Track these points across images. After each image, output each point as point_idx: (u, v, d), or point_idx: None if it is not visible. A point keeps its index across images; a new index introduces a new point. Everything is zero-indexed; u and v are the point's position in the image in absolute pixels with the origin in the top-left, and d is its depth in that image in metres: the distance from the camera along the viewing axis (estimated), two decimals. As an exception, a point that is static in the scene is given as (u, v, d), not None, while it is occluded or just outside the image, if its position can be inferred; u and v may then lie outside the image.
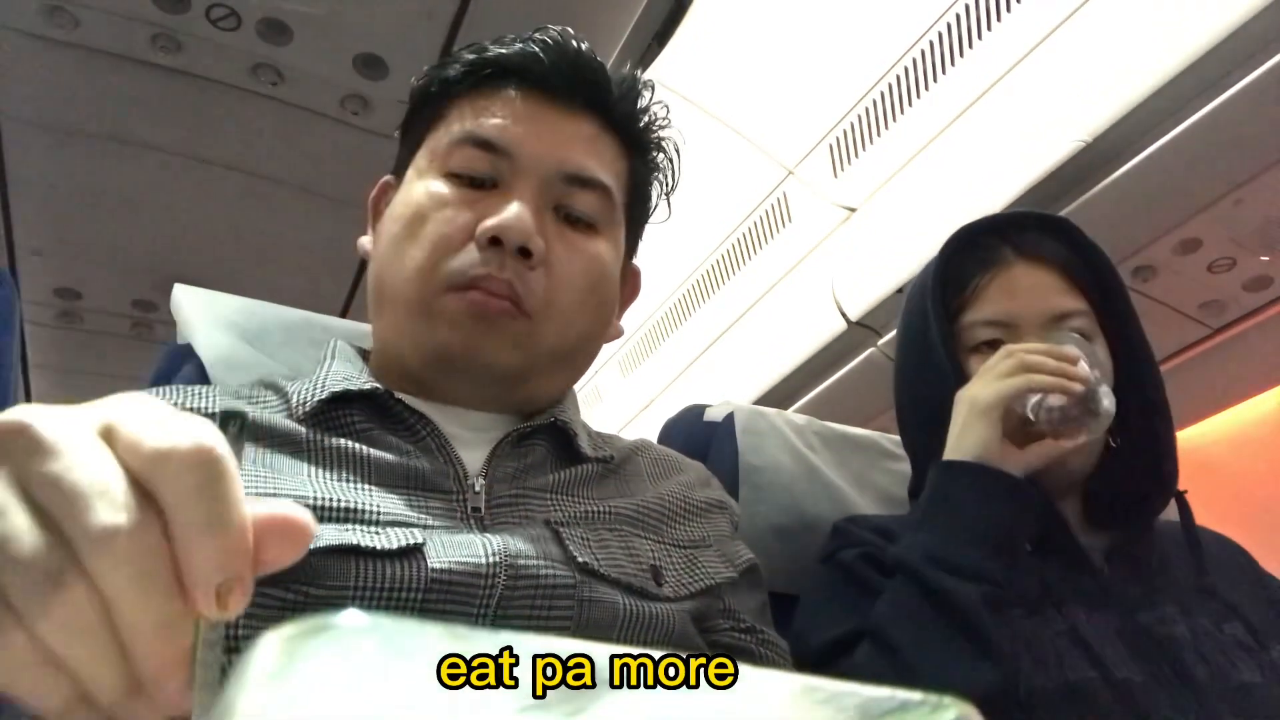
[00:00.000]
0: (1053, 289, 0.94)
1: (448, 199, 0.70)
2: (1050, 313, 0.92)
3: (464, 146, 0.71)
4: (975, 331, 0.95)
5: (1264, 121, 1.34)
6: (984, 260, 0.96)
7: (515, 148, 0.70)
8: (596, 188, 0.73)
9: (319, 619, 0.19)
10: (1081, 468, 0.92)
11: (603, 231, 0.74)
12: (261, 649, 0.19)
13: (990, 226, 0.99)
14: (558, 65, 0.73)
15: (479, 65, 0.74)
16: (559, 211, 0.72)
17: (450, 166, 0.71)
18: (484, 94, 0.74)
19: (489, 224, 0.66)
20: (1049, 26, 1.47)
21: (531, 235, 0.67)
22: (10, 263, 1.96)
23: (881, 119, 1.71)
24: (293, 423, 0.65)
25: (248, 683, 0.18)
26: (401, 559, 0.55)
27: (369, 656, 0.19)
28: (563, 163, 0.71)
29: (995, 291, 0.94)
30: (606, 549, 0.64)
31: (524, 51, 0.74)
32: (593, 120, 0.75)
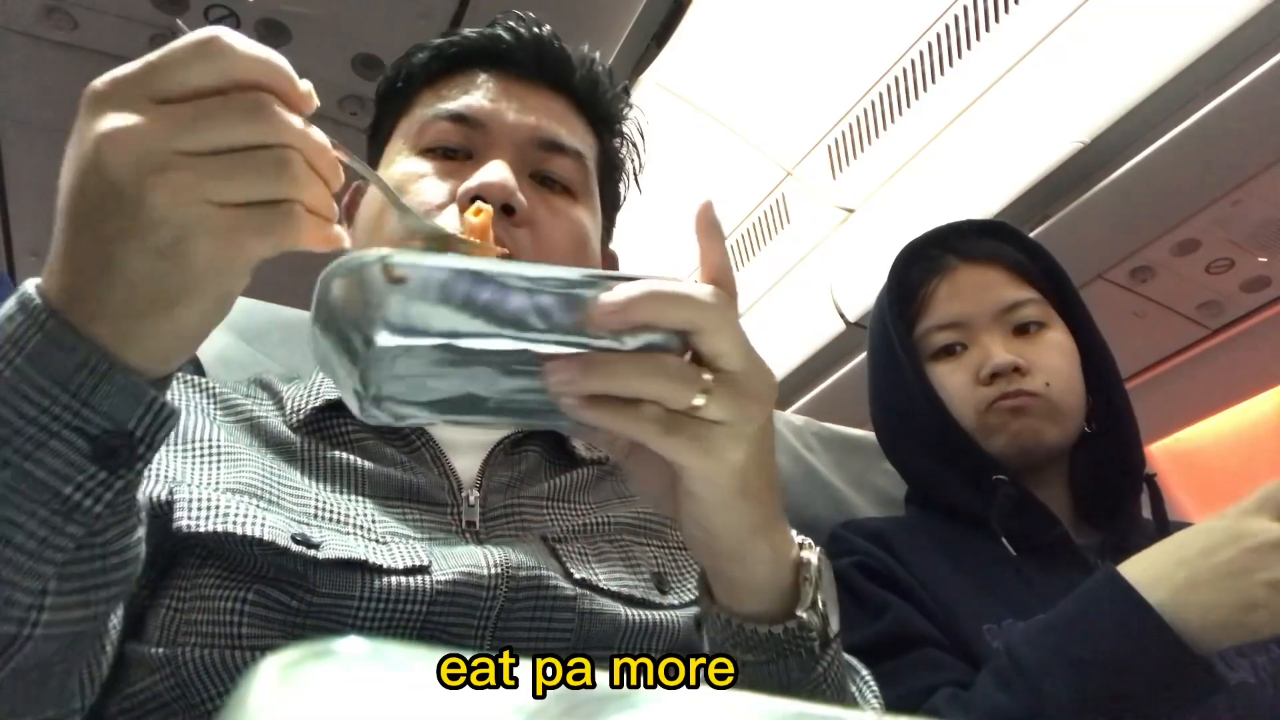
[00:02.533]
0: (998, 283, 0.96)
1: (425, 171, 0.69)
2: (999, 305, 0.95)
3: (436, 123, 0.71)
4: (931, 338, 0.98)
5: (1262, 122, 1.35)
6: (929, 269, 0.99)
7: (488, 118, 0.70)
8: (570, 153, 0.73)
9: (319, 645, 0.19)
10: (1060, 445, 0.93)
11: (580, 198, 0.73)
12: (260, 675, 0.18)
13: (934, 238, 1.02)
14: (522, 45, 0.74)
15: (445, 49, 0.75)
16: (535, 178, 0.71)
17: (424, 144, 0.71)
18: (451, 78, 0.74)
19: (470, 183, 0.65)
20: (1047, 28, 1.47)
21: (514, 192, 0.65)
22: (8, 264, 1.96)
23: (880, 120, 1.71)
24: (287, 430, 0.64)
25: (247, 711, 0.18)
26: (408, 575, 0.55)
27: (369, 683, 0.19)
28: (535, 129, 0.71)
29: (942, 296, 0.97)
30: (605, 561, 0.64)
31: (489, 34, 0.74)
32: (559, 97, 0.75)
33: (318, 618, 0.53)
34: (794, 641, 0.49)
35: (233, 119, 0.38)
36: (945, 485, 0.96)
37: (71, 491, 0.39)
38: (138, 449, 0.40)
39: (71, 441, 0.39)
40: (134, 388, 0.40)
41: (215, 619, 0.52)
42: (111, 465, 0.40)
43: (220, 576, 0.54)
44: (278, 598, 0.53)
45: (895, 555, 0.89)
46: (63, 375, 0.38)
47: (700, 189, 1.97)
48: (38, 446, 0.38)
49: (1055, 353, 0.95)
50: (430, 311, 0.38)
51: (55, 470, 0.39)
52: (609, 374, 0.40)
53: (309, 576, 0.53)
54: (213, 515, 0.54)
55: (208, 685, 0.51)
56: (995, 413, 0.92)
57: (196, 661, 0.51)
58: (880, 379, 1.04)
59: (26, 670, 0.42)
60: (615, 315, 0.40)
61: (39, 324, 0.38)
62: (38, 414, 0.38)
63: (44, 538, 0.39)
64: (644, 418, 0.41)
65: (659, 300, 0.40)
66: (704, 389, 0.41)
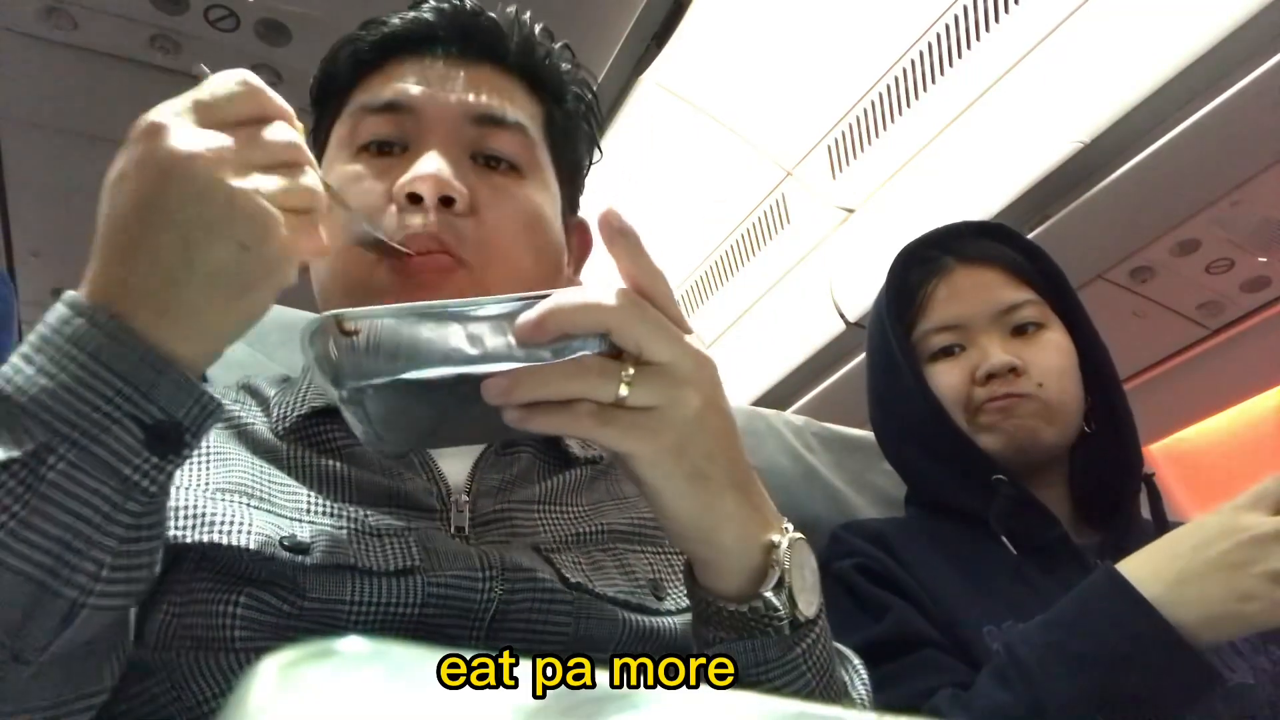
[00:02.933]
0: (996, 284, 0.97)
1: (360, 173, 0.67)
2: (997, 307, 0.95)
3: (366, 117, 0.69)
4: (929, 340, 0.98)
5: (1262, 123, 1.35)
6: (928, 271, 0.99)
7: (417, 103, 0.67)
8: (509, 125, 0.69)
9: (319, 644, 0.19)
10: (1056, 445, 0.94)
11: (528, 174, 0.70)
12: (259, 675, 0.18)
13: (931, 240, 1.03)
14: (446, 23, 0.71)
15: (363, 39, 0.72)
16: (477, 159, 0.68)
17: (357, 142, 0.68)
18: (377, 71, 0.71)
19: (403, 181, 0.63)
20: (1047, 28, 1.47)
21: (449, 182, 0.63)
22: (8, 264, 1.96)
23: (880, 120, 1.71)
24: (274, 437, 0.64)
25: (247, 711, 0.18)
26: (398, 576, 0.55)
27: (370, 683, 0.19)
28: (469, 106, 0.68)
29: (940, 298, 0.97)
30: (601, 570, 0.63)
31: (409, 18, 0.72)
32: (494, 69, 0.72)
33: (310, 621, 0.53)
34: (760, 621, 0.50)
35: (279, 143, 0.47)
36: (945, 486, 0.96)
37: (130, 472, 0.44)
38: (184, 436, 0.45)
39: (129, 429, 0.44)
40: (186, 383, 0.45)
41: (208, 623, 0.52)
42: (162, 451, 0.45)
43: (213, 581, 0.54)
44: (270, 601, 0.53)
45: (895, 556, 0.89)
46: (126, 370, 0.43)
47: (700, 189, 1.97)
48: (102, 431, 0.43)
49: (1053, 353, 0.95)
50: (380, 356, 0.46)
51: (116, 452, 0.43)
52: (537, 382, 0.45)
53: (299, 581, 0.53)
54: (200, 525, 0.54)
55: (202, 688, 0.51)
56: (986, 413, 0.93)
57: (190, 665, 0.51)
58: (879, 380, 1.04)
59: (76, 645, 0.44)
60: (533, 331, 0.45)
61: (98, 325, 0.44)
62: (102, 403, 0.43)
63: (107, 512, 0.43)
64: (578, 414, 0.45)
65: (566, 311, 0.45)
66: (625, 381, 0.45)
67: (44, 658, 0.43)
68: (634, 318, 0.46)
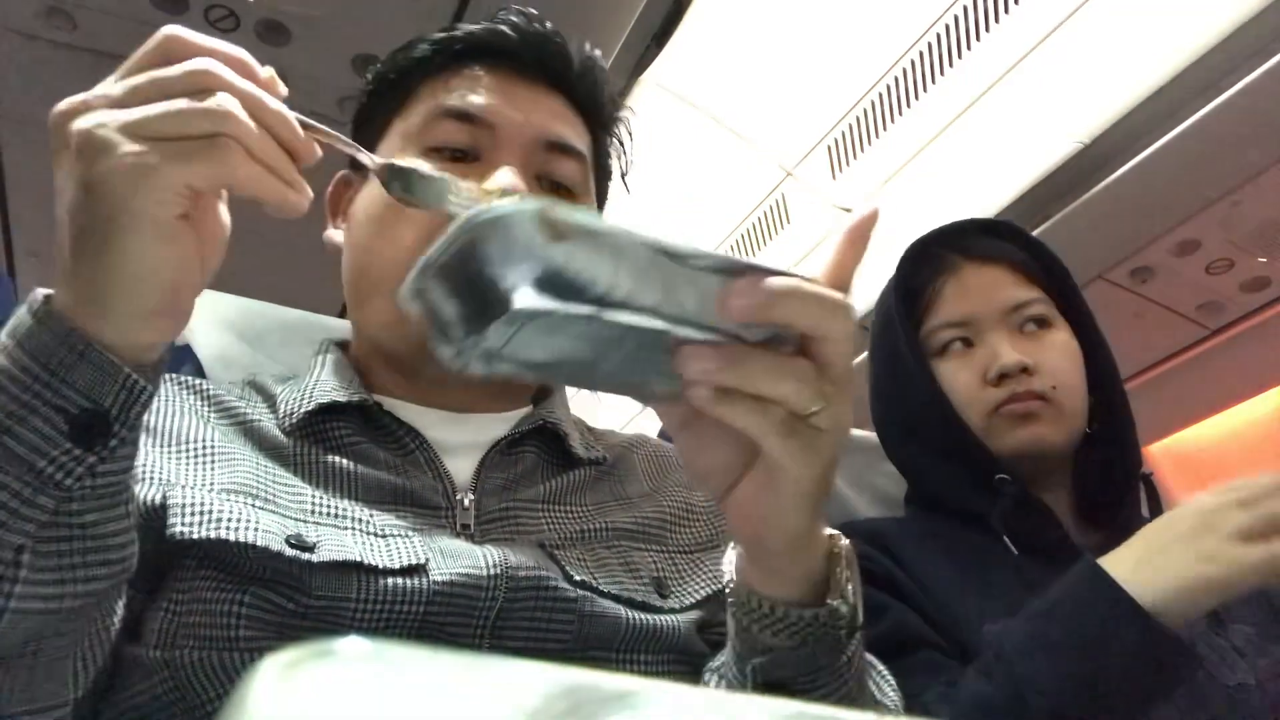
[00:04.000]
0: (1005, 283, 0.97)
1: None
2: (1005, 305, 0.95)
3: (442, 121, 0.70)
4: (938, 336, 0.97)
5: (1262, 123, 1.35)
6: (936, 268, 0.99)
7: (495, 118, 0.70)
8: (575, 155, 0.73)
9: (319, 645, 0.19)
10: (1065, 447, 0.93)
11: (581, 199, 0.74)
12: (260, 675, 0.18)
13: (940, 237, 1.03)
14: (526, 42, 0.73)
15: (448, 44, 0.74)
16: (541, 181, 0.71)
17: (428, 142, 0.70)
18: (452, 72, 0.73)
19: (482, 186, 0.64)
20: (1047, 29, 1.47)
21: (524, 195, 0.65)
22: (8, 264, 1.96)
23: (880, 120, 1.71)
24: (280, 433, 0.64)
25: (247, 711, 0.18)
26: (404, 575, 0.55)
27: (370, 683, 0.19)
28: (542, 131, 0.71)
29: (949, 295, 0.97)
30: (605, 567, 0.63)
31: (492, 30, 0.74)
32: (559, 96, 0.75)
33: (314, 620, 0.53)
34: (823, 627, 0.49)
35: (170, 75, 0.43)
36: (947, 484, 0.95)
37: (45, 465, 0.42)
38: (112, 426, 0.43)
39: (50, 418, 0.41)
40: (109, 366, 0.42)
41: (212, 622, 0.52)
42: (86, 442, 0.42)
43: (217, 580, 0.54)
44: (274, 600, 0.53)
45: (894, 557, 0.89)
46: (44, 354, 0.41)
47: (700, 189, 1.97)
48: (17, 422, 0.41)
49: (1061, 353, 0.95)
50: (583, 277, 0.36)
51: (32, 445, 0.41)
52: (746, 371, 0.40)
53: (304, 579, 0.53)
54: (206, 521, 0.54)
55: (206, 688, 0.51)
56: (1003, 418, 0.92)
57: (194, 664, 0.51)
58: (884, 376, 1.03)
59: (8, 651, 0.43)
60: (757, 308, 0.39)
61: (34, 314, 0.42)
62: (19, 391, 0.41)
63: (14, 509, 0.41)
64: (769, 418, 0.41)
65: (801, 299, 0.41)
66: (826, 396, 0.42)
67: None
68: (849, 330, 0.43)
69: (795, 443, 0.42)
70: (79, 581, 0.44)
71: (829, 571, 0.50)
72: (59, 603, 0.44)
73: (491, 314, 0.37)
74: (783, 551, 0.48)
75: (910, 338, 0.97)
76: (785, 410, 0.41)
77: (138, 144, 0.40)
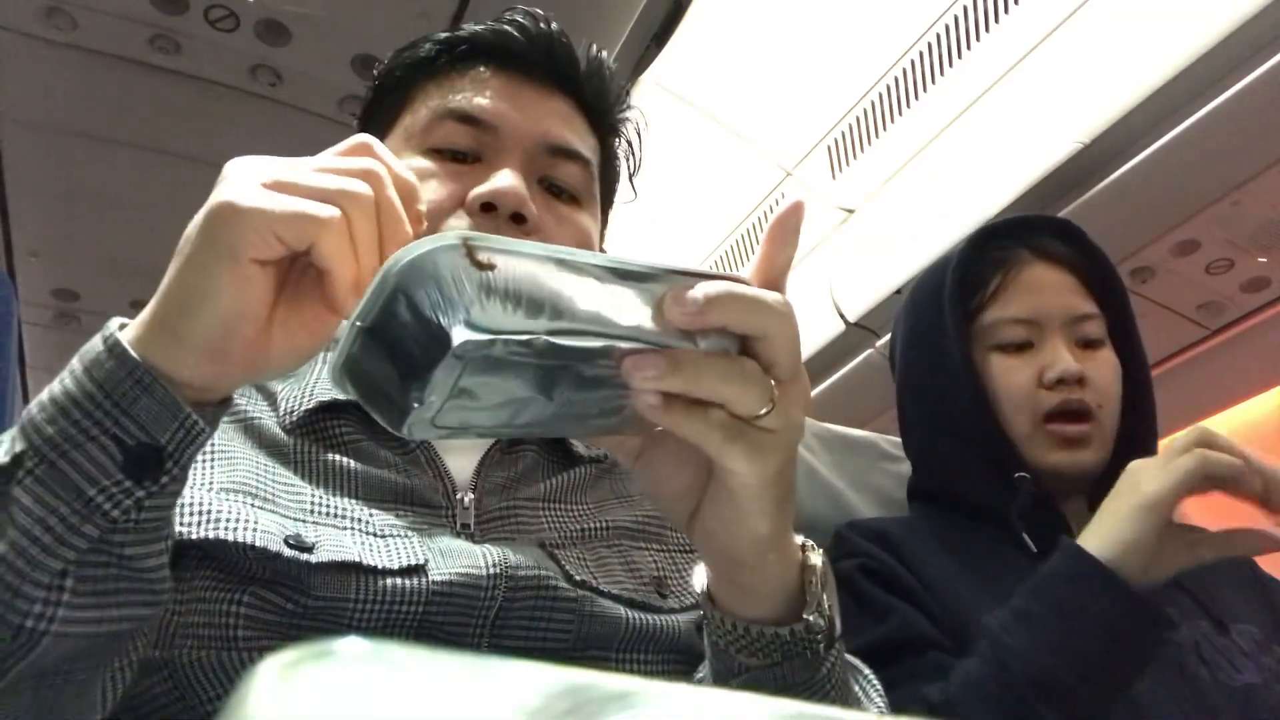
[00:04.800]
0: (1071, 290, 0.94)
1: (433, 171, 0.67)
2: (1072, 313, 0.93)
3: (445, 122, 0.70)
4: (1000, 331, 0.94)
5: (1261, 123, 1.35)
6: (1000, 260, 0.96)
7: (498, 120, 0.69)
8: (578, 159, 0.72)
9: (319, 645, 0.19)
10: (1096, 470, 0.92)
11: (585, 205, 0.73)
12: (260, 675, 0.18)
13: (1009, 229, 0.99)
14: (532, 43, 0.73)
15: (453, 43, 0.73)
16: (543, 184, 0.70)
17: (431, 143, 0.69)
18: (457, 73, 0.72)
19: (482, 190, 0.64)
20: (1047, 28, 1.47)
21: (526, 201, 0.65)
22: (8, 264, 1.96)
23: (880, 120, 1.71)
24: (280, 431, 0.64)
25: (246, 711, 0.18)
26: (403, 575, 0.55)
27: (369, 683, 0.19)
28: (545, 134, 0.70)
29: (1017, 290, 0.94)
30: (605, 566, 0.63)
31: (497, 30, 0.73)
32: (565, 98, 0.74)
33: (314, 620, 0.53)
34: (799, 644, 0.49)
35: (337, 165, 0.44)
36: (967, 477, 0.94)
37: (95, 494, 0.42)
38: (165, 463, 0.43)
39: (106, 447, 0.42)
40: (171, 403, 0.42)
41: (211, 621, 0.52)
42: (138, 475, 0.42)
43: (216, 579, 0.53)
44: (273, 600, 0.53)
45: (899, 556, 0.88)
46: (110, 382, 0.42)
47: (700, 189, 1.97)
48: (75, 447, 0.41)
49: (1111, 374, 0.93)
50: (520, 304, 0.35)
51: (85, 472, 0.42)
52: (692, 374, 0.40)
53: (303, 580, 0.53)
54: (205, 521, 0.54)
55: (206, 687, 0.51)
56: (1050, 434, 0.90)
57: (193, 663, 0.51)
58: (917, 358, 1.00)
59: (45, 672, 0.43)
60: (696, 313, 0.39)
61: (105, 341, 0.43)
62: (81, 416, 0.42)
63: (60, 535, 0.41)
64: (711, 422, 0.41)
65: (740, 302, 0.41)
66: (773, 397, 0.42)
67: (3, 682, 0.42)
68: (791, 330, 0.43)
69: (743, 446, 0.42)
70: (116, 607, 0.44)
71: (802, 584, 0.49)
72: (97, 627, 0.44)
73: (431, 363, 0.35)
74: (750, 564, 0.48)
75: (959, 326, 0.94)
76: (727, 414, 0.41)
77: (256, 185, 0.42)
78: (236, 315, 0.42)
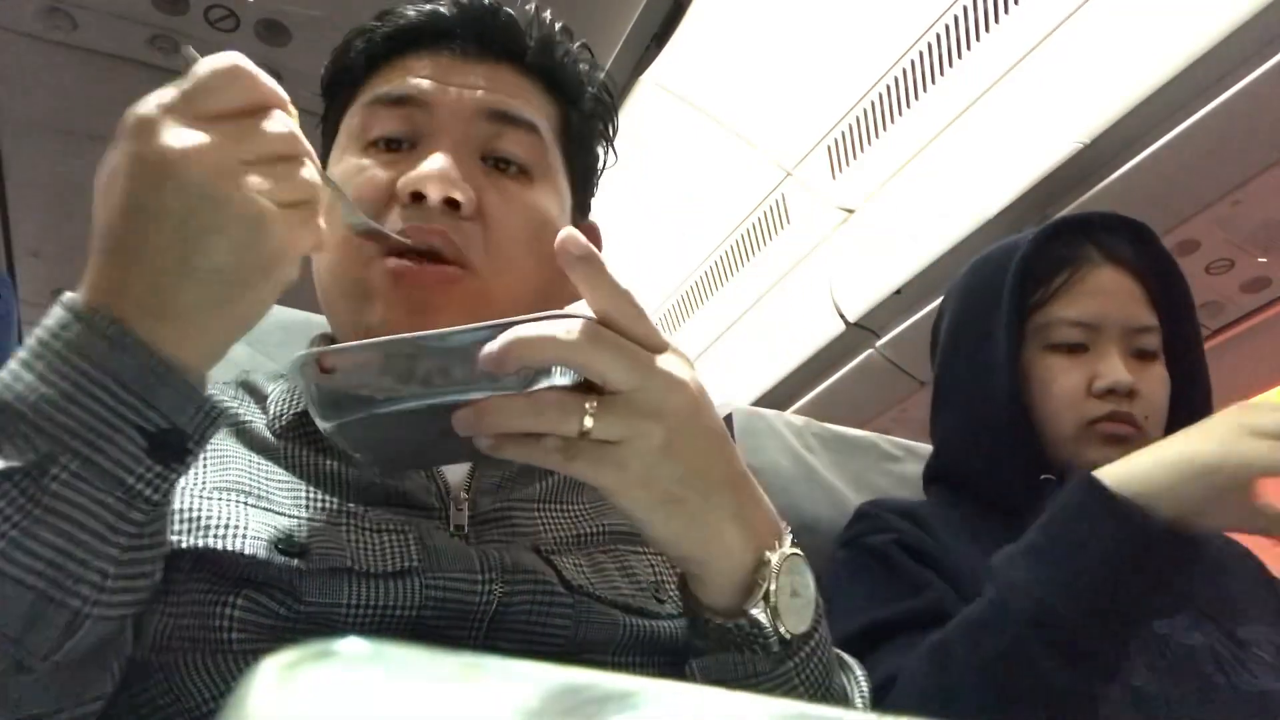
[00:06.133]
0: (1134, 298, 0.92)
1: (365, 166, 0.65)
2: (1133, 323, 0.91)
3: (375, 109, 0.67)
4: (1058, 330, 0.91)
5: (1261, 123, 1.35)
6: (1068, 258, 0.93)
7: (429, 96, 0.65)
8: (522, 125, 0.67)
9: (319, 645, 0.19)
10: None
11: (538, 178, 0.68)
12: (259, 676, 0.18)
13: (1082, 225, 0.96)
14: (463, 18, 0.69)
15: (378, 30, 0.71)
16: (487, 160, 0.66)
17: (367, 137, 0.67)
18: (391, 64, 0.69)
19: (409, 177, 0.61)
20: (1047, 28, 1.47)
21: (455, 182, 0.61)
22: (8, 264, 1.96)
23: (880, 120, 1.71)
24: (271, 435, 0.63)
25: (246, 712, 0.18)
26: (396, 579, 0.54)
27: (369, 684, 0.19)
28: (481, 102, 0.66)
29: (1081, 292, 0.91)
30: (602, 572, 0.62)
31: (426, 10, 0.70)
32: (511, 67, 0.70)
33: (306, 623, 0.53)
34: (745, 638, 0.50)
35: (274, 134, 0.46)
36: (995, 472, 0.92)
37: (134, 481, 0.43)
38: (187, 444, 0.45)
39: (131, 437, 0.43)
40: (187, 389, 0.45)
41: (204, 625, 0.52)
42: (164, 459, 0.44)
43: (209, 583, 0.53)
44: (266, 604, 0.53)
45: (931, 536, 0.87)
46: (128, 378, 0.43)
47: (700, 189, 1.97)
48: (105, 441, 0.43)
49: (1161, 388, 0.91)
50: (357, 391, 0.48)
51: (119, 461, 0.43)
52: (503, 416, 0.45)
53: (295, 585, 0.53)
54: (194, 529, 0.53)
55: (200, 690, 0.51)
56: (1097, 434, 0.89)
57: (187, 666, 0.51)
58: (963, 343, 0.98)
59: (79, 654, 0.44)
60: (496, 363, 0.44)
61: (98, 330, 0.43)
62: (105, 412, 0.43)
63: (111, 522, 0.43)
64: (545, 449, 0.46)
65: (526, 343, 0.44)
66: (590, 413, 0.45)
67: (46, 666, 0.42)
68: (593, 349, 0.44)
69: (581, 461, 0.46)
70: (143, 590, 0.46)
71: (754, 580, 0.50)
72: (128, 609, 0.45)
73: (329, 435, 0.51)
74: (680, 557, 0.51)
75: (1014, 319, 0.91)
76: (557, 438, 0.45)
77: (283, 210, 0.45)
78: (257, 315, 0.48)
